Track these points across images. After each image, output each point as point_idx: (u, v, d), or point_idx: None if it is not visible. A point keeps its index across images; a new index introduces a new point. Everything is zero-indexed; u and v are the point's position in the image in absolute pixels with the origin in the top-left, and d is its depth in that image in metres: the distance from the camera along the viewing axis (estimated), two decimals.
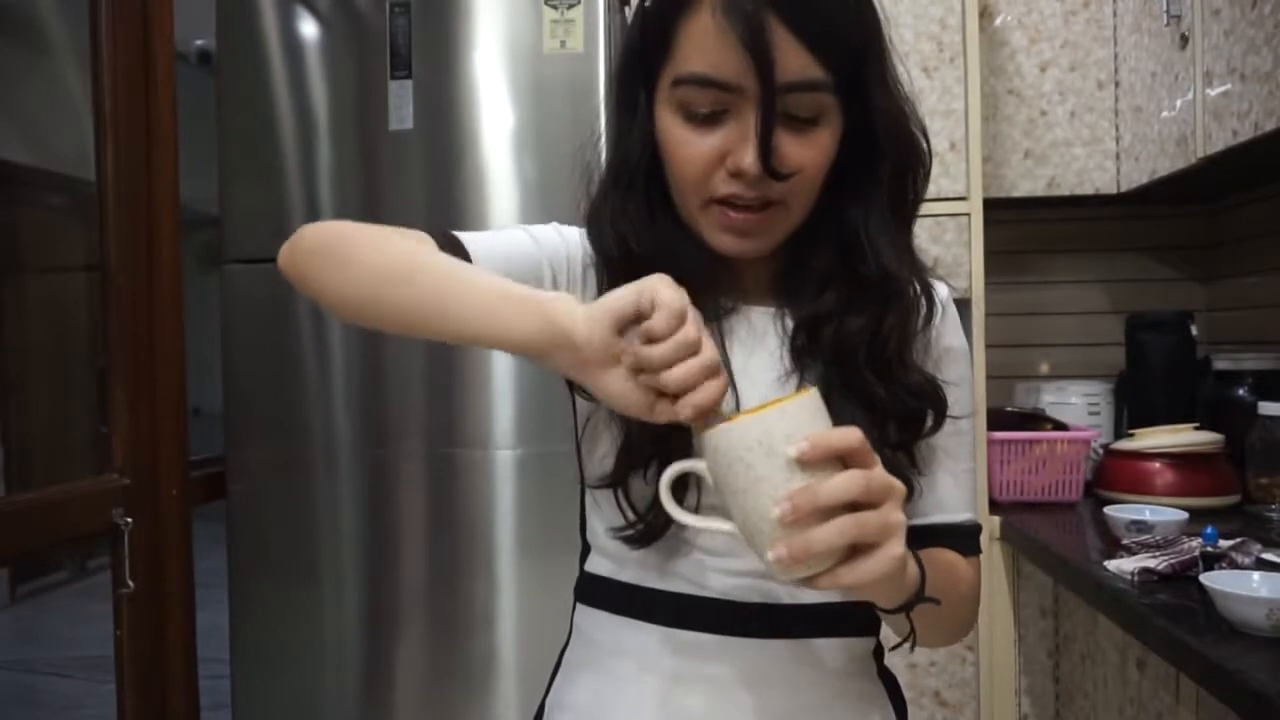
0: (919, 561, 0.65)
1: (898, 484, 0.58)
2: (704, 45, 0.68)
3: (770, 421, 0.57)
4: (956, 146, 1.84)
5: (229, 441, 1.76)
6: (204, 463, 1.79)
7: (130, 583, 1.50)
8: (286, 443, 1.72)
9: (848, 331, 0.74)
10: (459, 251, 0.73)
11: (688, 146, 0.70)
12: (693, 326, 0.57)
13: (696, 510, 0.68)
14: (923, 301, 0.77)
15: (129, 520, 1.50)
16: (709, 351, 0.58)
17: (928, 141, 0.76)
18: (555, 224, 0.82)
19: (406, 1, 1.68)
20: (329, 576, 1.71)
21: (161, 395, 1.63)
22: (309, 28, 1.73)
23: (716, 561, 0.75)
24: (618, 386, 0.60)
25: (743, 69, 0.66)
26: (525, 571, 1.66)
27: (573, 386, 0.78)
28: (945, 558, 0.77)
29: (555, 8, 1.65)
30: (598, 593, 0.81)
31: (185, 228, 1.71)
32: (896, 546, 0.56)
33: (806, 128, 0.69)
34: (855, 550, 0.57)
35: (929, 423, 0.75)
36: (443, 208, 1.68)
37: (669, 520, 0.72)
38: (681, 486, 0.64)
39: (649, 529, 0.74)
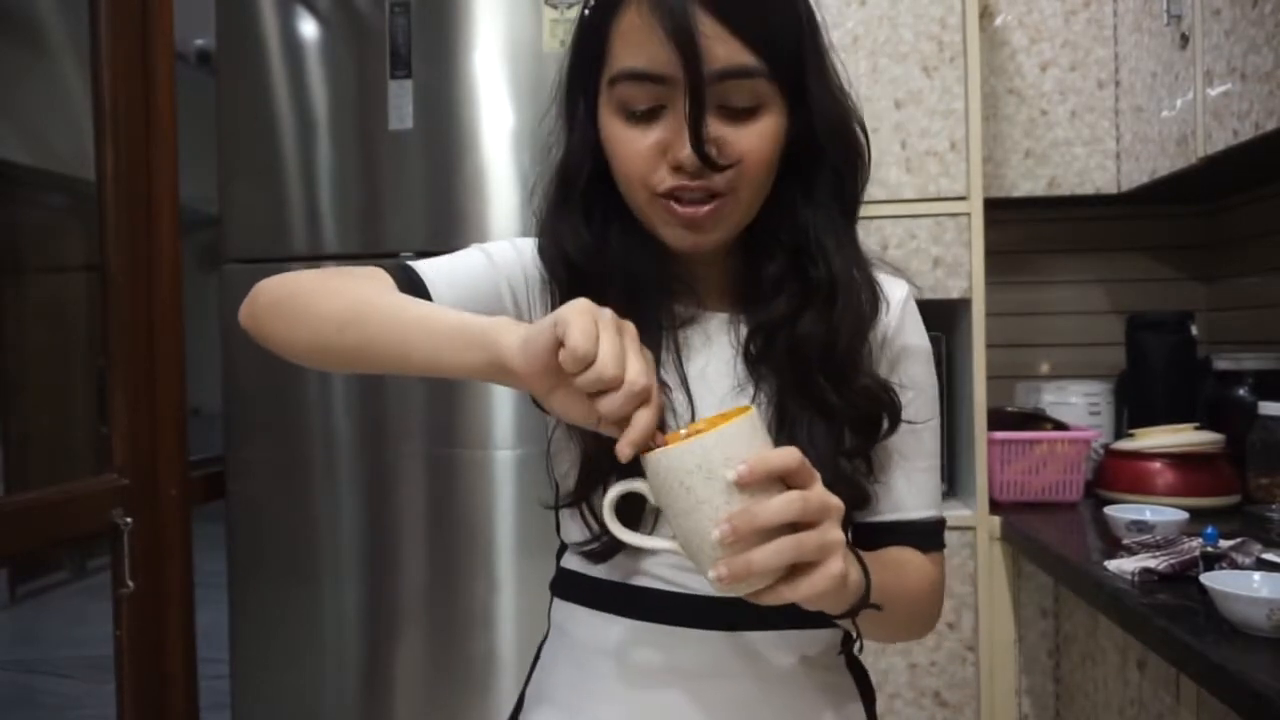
0: (864, 568, 0.66)
1: (835, 502, 0.59)
2: (634, 42, 0.69)
3: (708, 446, 0.58)
4: (956, 146, 1.84)
5: (229, 441, 1.76)
6: (204, 463, 1.79)
7: (130, 583, 1.51)
8: (286, 443, 1.72)
9: (800, 337, 0.74)
10: (415, 284, 0.75)
11: (628, 144, 0.71)
12: (609, 359, 0.57)
13: (654, 525, 0.70)
14: (869, 300, 0.77)
15: (129, 520, 1.50)
16: (637, 378, 0.57)
17: (866, 138, 0.77)
18: (511, 240, 0.83)
19: (406, 1, 1.68)
20: (329, 576, 1.71)
21: (161, 395, 1.63)
22: (309, 28, 1.73)
23: (684, 559, 0.75)
24: (559, 404, 0.61)
25: (671, 60, 0.67)
26: (525, 571, 1.65)
27: (536, 401, 0.78)
28: (896, 558, 0.78)
29: (555, 7, 1.65)
30: (573, 588, 0.82)
31: (185, 228, 1.71)
32: (835, 564, 0.58)
33: (745, 117, 0.70)
34: (795, 568, 0.58)
35: (884, 427, 0.76)
36: (443, 208, 1.68)
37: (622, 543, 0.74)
38: (639, 502, 0.65)
39: (607, 546, 0.76)
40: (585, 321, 0.57)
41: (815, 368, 0.74)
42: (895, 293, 0.82)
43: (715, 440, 0.57)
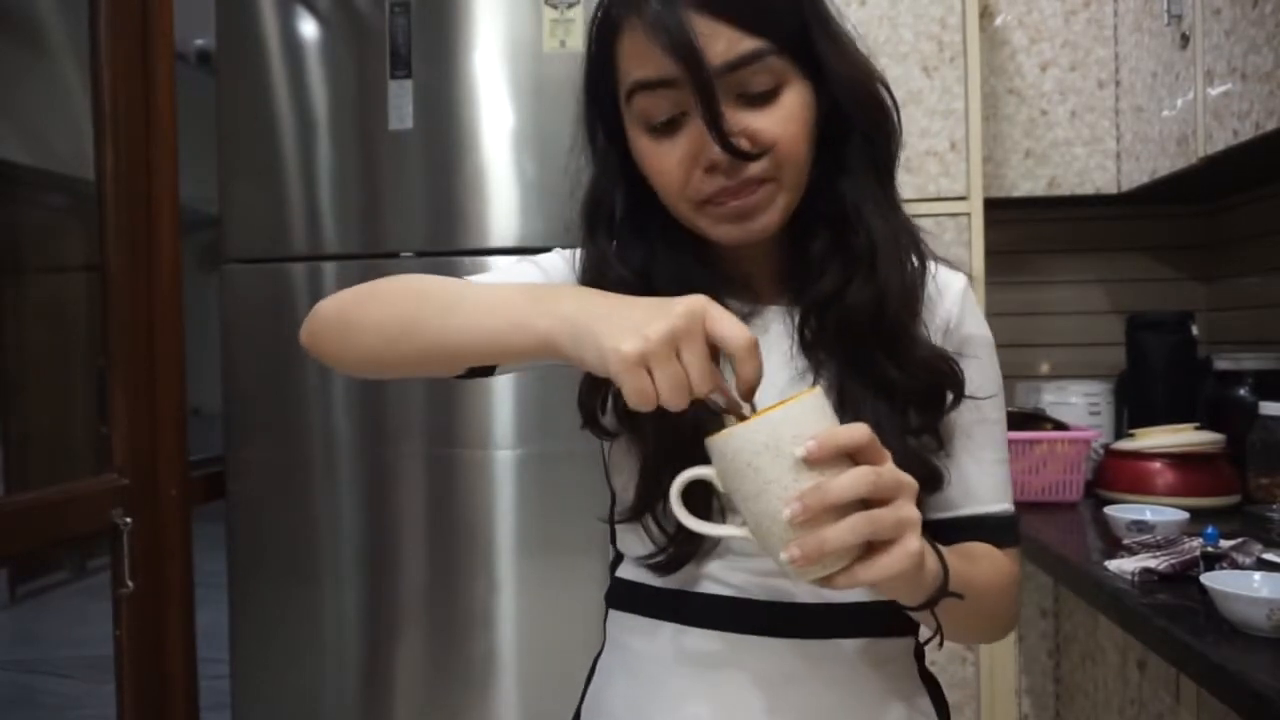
0: (940, 556, 0.64)
1: (908, 479, 0.57)
2: (638, 54, 0.69)
3: (775, 423, 0.56)
4: (957, 146, 1.84)
5: (229, 441, 1.75)
6: (204, 463, 1.79)
7: (130, 583, 1.50)
8: (286, 443, 1.72)
9: (850, 308, 0.73)
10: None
11: (659, 158, 0.71)
12: (670, 395, 0.56)
13: (723, 516, 0.68)
14: (915, 259, 0.76)
15: (129, 520, 1.50)
16: (701, 384, 0.57)
17: (892, 98, 0.76)
18: (558, 250, 0.83)
19: (406, 1, 1.68)
20: (329, 576, 1.71)
21: (161, 395, 1.63)
22: (309, 28, 1.73)
23: (746, 563, 0.74)
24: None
25: (674, 62, 0.67)
26: (525, 571, 1.65)
27: (593, 426, 0.78)
28: (973, 550, 0.76)
29: (555, 7, 1.65)
30: (630, 598, 0.81)
31: (185, 228, 1.71)
32: (912, 541, 0.56)
33: (767, 101, 0.69)
34: (870, 548, 0.56)
35: (948, 400, 0.75)
36: (443, 208, 1.68)
37: (694, 548, 0.73)
38: (704, 498, 0.64)
39: (674, 557, 0.74)
40: (636, 381, 0.56)
41: (870, 341, 0.73)
42: (954, 284, 0.81)
43: (782, 417, 0.56)
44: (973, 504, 0.79)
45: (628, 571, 0.82)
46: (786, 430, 0.56)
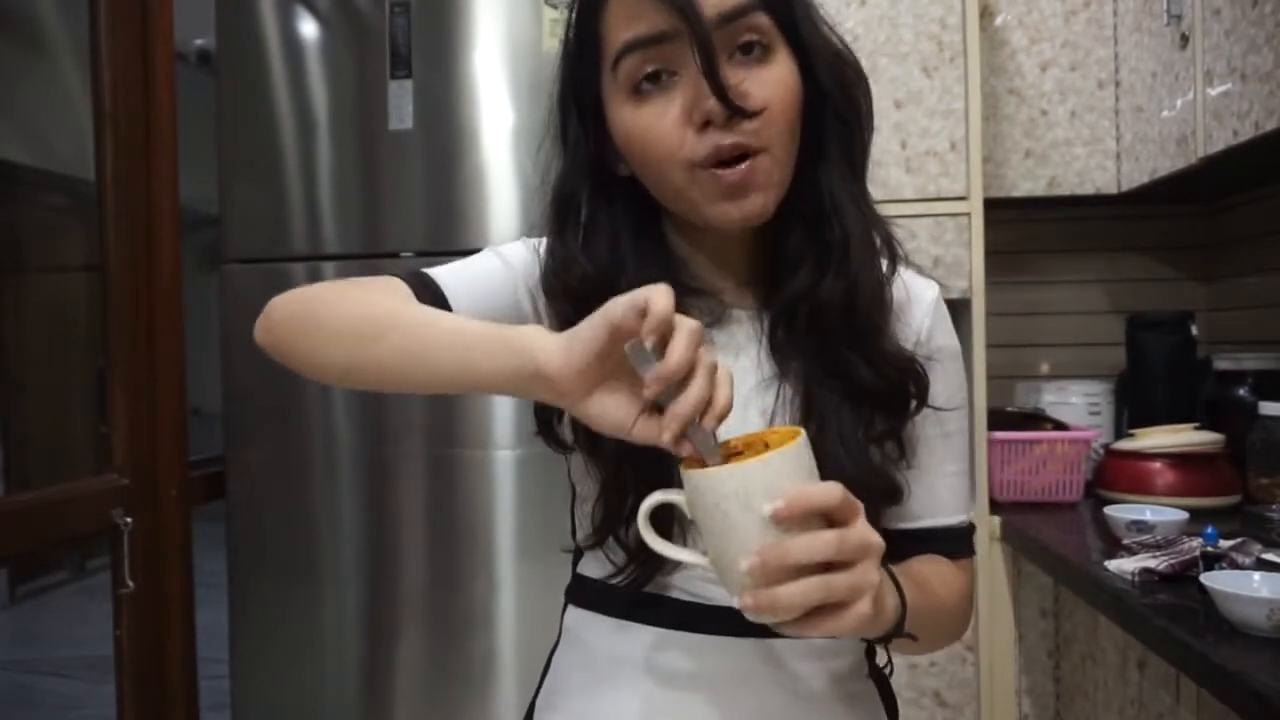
0: (900, 593, 0.65)
1: (875, 541, 0.57)
2: (627, 15, 0.68)
3: (750, 474, 0.56)
4: (956, 146, 1.84)
5: (229, 441, 1.75)
6: (204, 463, 1.79)
7: (130, 583, 1.51)
8: (286, 443, 1.72)
9: (821, 305, 0.73)
10: (433, 291, 0.73)
11: (651, 123, 0.69)
12: (704, 348, 0.56)
13: (684, 538, 0.69)
14: (885, 253, 0.76)
15: (129, 520, 1.50)
16: (711, 354, 0.56)
17: (865, 84, 0.75)
18: (524, 240, 0.81)
19: (406, 1, 1.68)
20: (329, 576, 1.71)
21: (161, 395, 1.63)
22: (309, 28, 1.73)
23: (706, 572, 0.75)
24: (596, 408, 0.59)
25: (670, 15, 0.66)
26: (525, 571, 1.65)
27: (547, 434, 0.77)
28: (927, 574, 0.76)
29: (555, 7, 1.65)
30: (590, 596, 0.81)
31: (185, 228, 1.71)
32: (863, 606, 0.56)
33: (759, 62, 0.69)
34: (824, 604, 0.56)
35: (912, 404, 0.75)
36: (443, 208, 1.68)
37: (655, 569, 0.73)
38: (667, 515, 0.64)
39: (635, 578, 0.74)
40: (670, 299, 0.55)
41: (840, 337, 0.72)
42: (927, 294, 0.81)
43: (757, 470, 0.56)
44: (933, 516, 0.80)
45: (589, 569, 0.82)
46: (760, 483, 0.55)
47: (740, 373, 0.75)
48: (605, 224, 0.76)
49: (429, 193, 1.69)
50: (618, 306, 0.56)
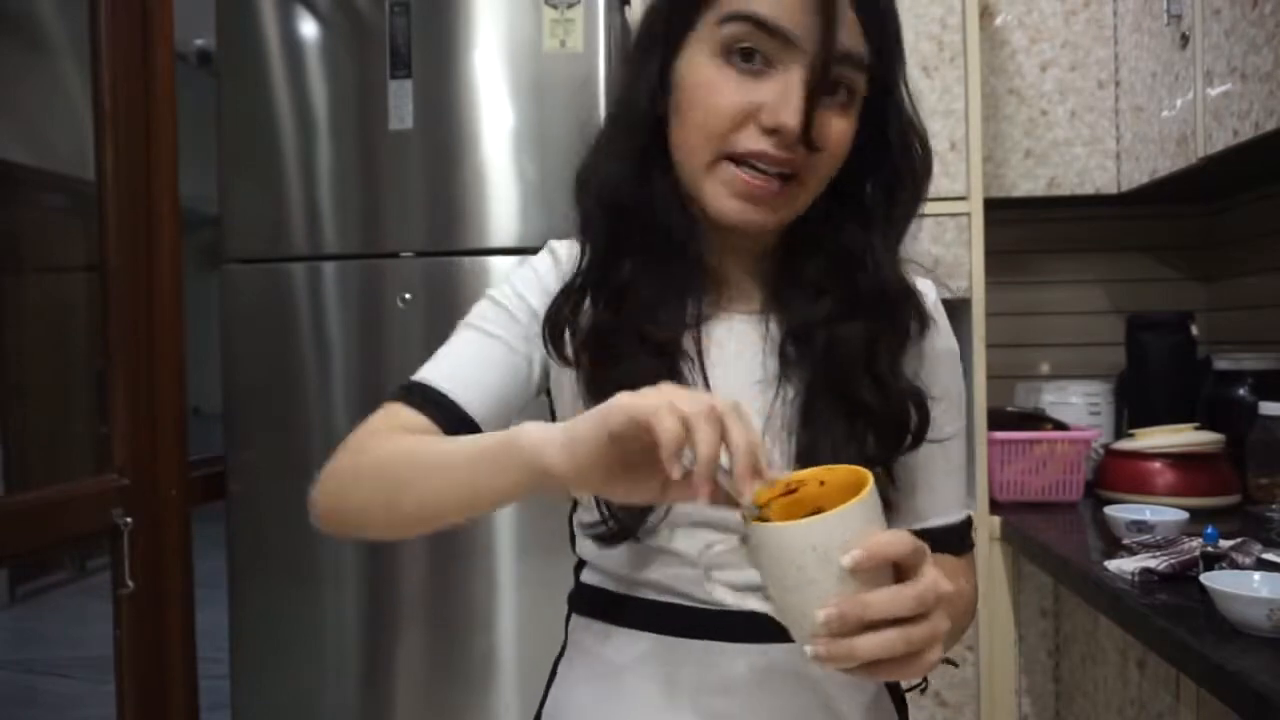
0: None
1: (945, 589, 0.56)
2: None
3: (830, 528, 0.55)
4: (956, 146, 1.84)
5: (229, 441, 1.75)
6: (204, 463, 1.79)
7: (130, 583, 1.51)
8: (286, 443, 1.72)
9: (840, 338, 0.72)
10: (430, 399, 0.74)
11: (721, 94, 0.68)
12: (733, 418, 0.54)
13: (665, 514, 0.71)
14: (915, 317, 0.76)
15: (129, 520, 1.50)
16: (728, 410, 0.54)
17: (929, 154, 0.76)
18: (510, 282, 0.80)
19: (406, 1, 1.68)
20: (329, 576, 1.71)
21: (161, 395, 1.63)
22: (309, 28, 1.73)
23: (712, 573, 0.74)
24: (621, 491, 0.58)
25: (808, 24, 0.65)
26: (525, 571, 1.65)
27: (555, 343, 0.76)
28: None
29: (555, 7, 1.65)
30: (594, 604, 0.80)
31: (185, 228, 1.71)
32: (934, 654, 0.56)
33: (839, 108, 0.69)
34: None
35: (908, 440, 0.74)
36: (443, 208, 1.68)
37: (639, 520, 0.72)
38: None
39: (620, 528, 0.73)
40: (669, 412, 0.52)
41: (856, 369, 0.72)
42: (926, 294, 0.81)
43: (835, 523, 0.55)
44: (936, 515, 0.80)
45: (592, 576, 0.81)
46: (838, 536, 0.55)
47: (740, 370, 0.75)
48: (653, 164, 0.74)
49: (429, 193, 1.69)
50: (617, 416, 0.54)
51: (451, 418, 0.74)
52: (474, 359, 0.77)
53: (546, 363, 0.79)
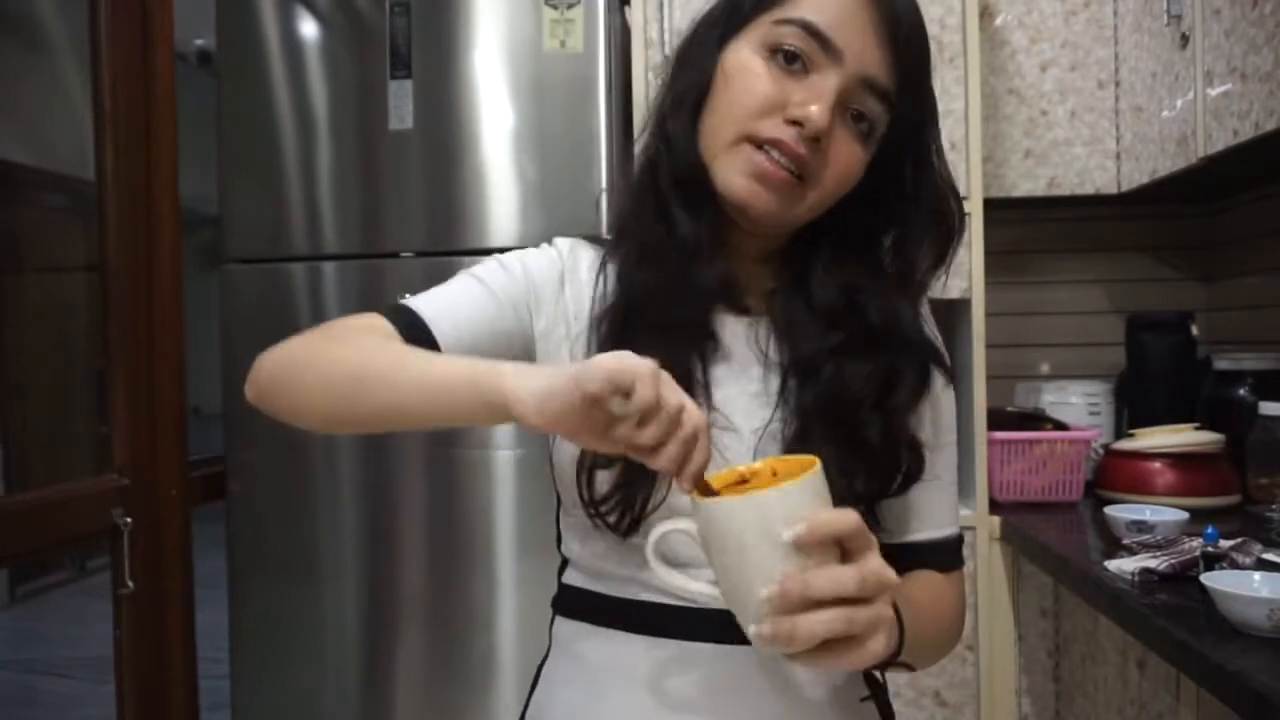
0: (900, 621, 0.64)
1: (891, 577, 0.57)
2: (829, 4, 0.71)
3: (769, 503, 0.56)
4: (956, 146, 1.84)
5: (229, 441, 1.76)
6: (204, 463, 1.79)
7: (130, 583, 1.51)
8: (287, 442, 1.72)
9: (851, 373, 0.73)
10: (416, 325, 0.74)
11: (759, 82, 0.71)
12: (672, 393, 0.56)
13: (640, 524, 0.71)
14: (943, 373, 0.79)
15: (129, 520, 1.50)
16: (693, 417, 0.56)
17: (961, 212, 0.80)
18: (520, 254, 0.83)
19: (406, 1, 1.68)
20: (329, 576, 1.71)
21: (161, 395, 1.63)
22: (309, 28, 1.73)
23: (693, 571, 0.73)
24: (585, 441, 0.59)
25: (854, 43, 0.70)
26: (525, 571, 1.65)
27: None
28: (926, 596, 0.76)
29: (555, 8, 1.65)
30: (577, 605, 0.80)
31: (185, 228, 1.71)
32: (878, 642, 0.57)
33: (857, 136, 0.72)
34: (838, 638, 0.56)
35: (895, 483, 0.75)
36: (443, 208, 1.68)
37: (630, 516, 0.72)
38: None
39: (614, 518, 0.73)
40: (642, 361, 0.55)
41: (861, 402, 0.73)
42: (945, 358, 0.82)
43: (776, 498, 0.55)
44: (925, 529, 0.80)
45: (575, 578, 0.81)
46: (779, 510, 0.55)
47: (741, 383, 0.76)
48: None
49: (429, 193, 1.69)
50: (595, 378, 0.55)
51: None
52: (466, 306, 0.77)
53: (531, 344, 0.79)
